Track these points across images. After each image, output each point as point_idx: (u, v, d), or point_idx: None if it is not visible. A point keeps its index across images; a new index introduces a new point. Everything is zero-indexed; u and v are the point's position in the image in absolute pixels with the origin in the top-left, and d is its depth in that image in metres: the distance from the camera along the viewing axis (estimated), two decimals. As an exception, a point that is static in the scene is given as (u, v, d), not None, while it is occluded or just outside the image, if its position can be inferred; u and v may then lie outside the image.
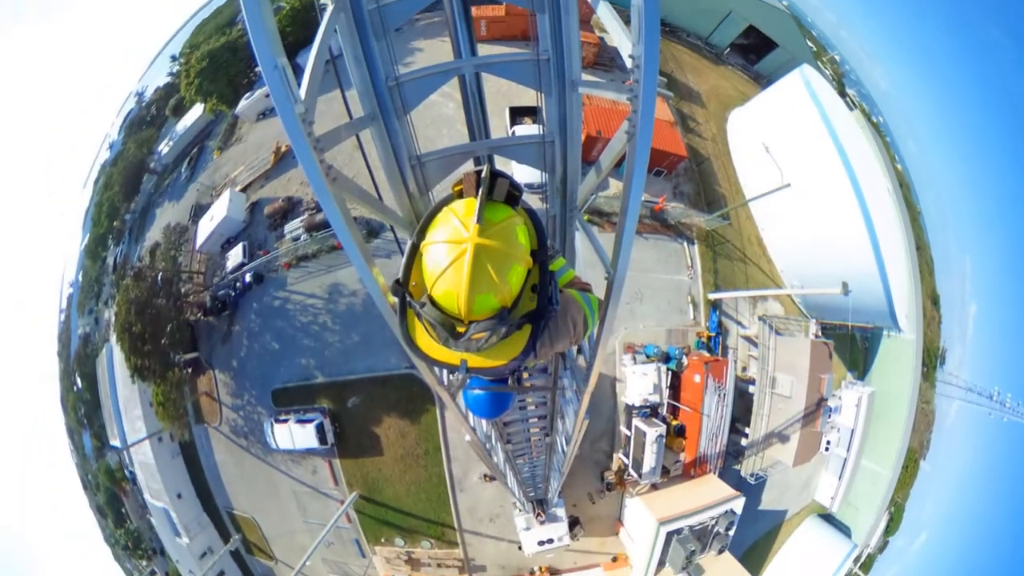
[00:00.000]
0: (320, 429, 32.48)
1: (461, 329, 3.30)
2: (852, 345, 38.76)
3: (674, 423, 32.62)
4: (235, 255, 35.67)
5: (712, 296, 34.92)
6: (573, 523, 33.09)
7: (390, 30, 6.15)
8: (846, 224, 34.70)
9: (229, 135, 39.64)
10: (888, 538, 44.44)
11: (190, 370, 35.84)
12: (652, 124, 4.21)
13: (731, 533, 32.35)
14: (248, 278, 35.01)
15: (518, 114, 34.41)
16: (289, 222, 35.28)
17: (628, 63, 4.53)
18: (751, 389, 35.10)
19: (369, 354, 33.03)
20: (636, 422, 31.70)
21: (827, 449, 36.39)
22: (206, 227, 36.36)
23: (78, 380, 42.00)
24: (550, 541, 31.57)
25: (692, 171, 38.20)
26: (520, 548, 32.34)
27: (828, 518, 39.60)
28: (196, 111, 40.76)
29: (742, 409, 34.77)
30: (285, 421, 33.12)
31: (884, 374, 39.09)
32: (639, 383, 32.10)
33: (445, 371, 6.44)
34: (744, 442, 35.10)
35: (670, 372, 32.81)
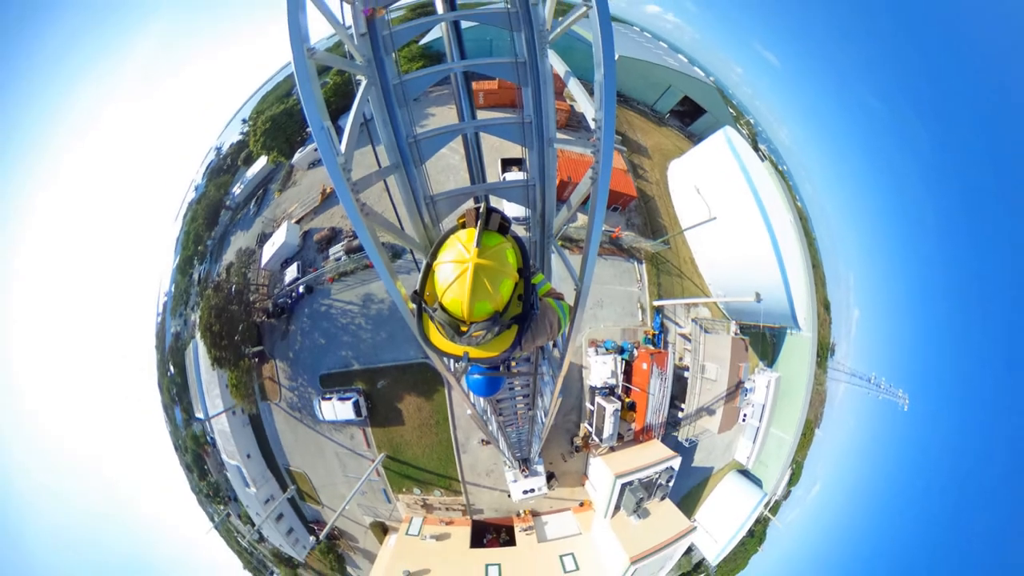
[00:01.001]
0: (356, 405, 32.39)
1: (464, 328, 3.39)
2: (763, 341, 38.75)
3: (627, 400, 32.58)
4: (291, 272, 35.49)
5: (656, 303, 34.90)
6: (550, 477, 33.00)
7: (409, 100, 6.20)
8: (758, 247, 34.80)
9: (286, 180, 39.49)
10: (790, 488, 44.35)
11: (257, 360, 35.62)
12: (610, 171, 4.28)
13: (670, 484, 32.34)
14: (301, 289, 34.85)
15: (508, 164, 34.40)
16: (333, 246, 35.18)
17: (592, 125, 4.58)
18: (686, 374, 35.05)
19: (394, 348, 32.91)
20: (598, 399, 31.67)
21: (744, 420, 36.39)
22: (269, 250, 36.20)
23: (171, 368, 41.75)
24: (532, 491, 31.49)
25: (641, 207, 38.19)
26: (509, 496, 32.24)
27: (745, 473, 39.52)
28: (261, 162, 40.62)
29: (679, 389, 34.71)
30: (329, 399, 32.98)
31: (787, 363, 39.09)
32: (600, 369, 32.08)
33: (451, 360, 6.47)
34: (680, 415, 35.06)
35: (624, 361, 32.78)
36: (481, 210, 3.62)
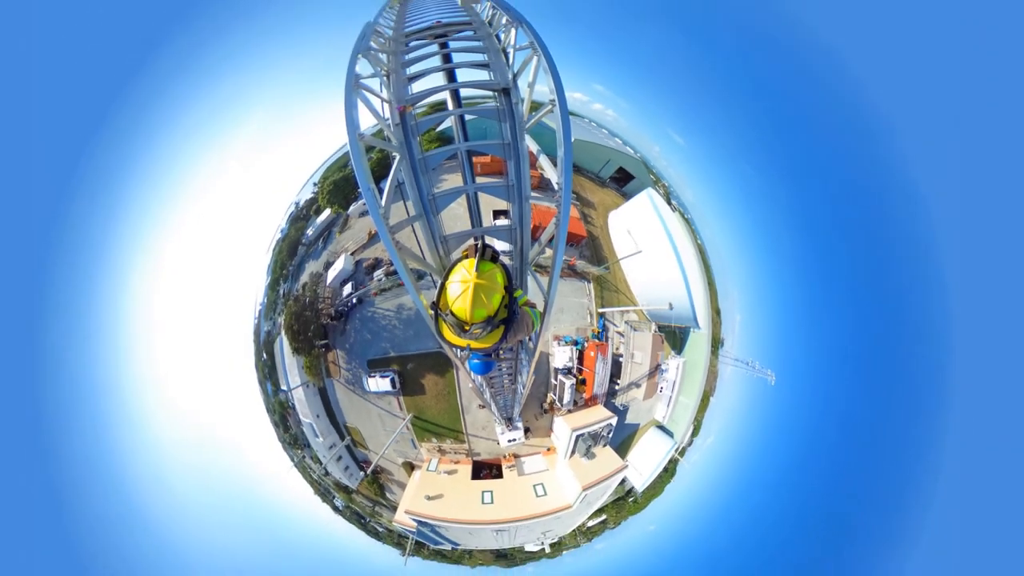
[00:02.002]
0: (393, 380, 32.28)
1: (467, 327, 3.43)
2: (674, 336, 38.59)
3: (580, 377, 32.49)
4: (347, 288, 35.15)
5: (600, 310, 34.93)
6: (526, 430, 32.73)
7: (429, 169, 6.23)
8: (670, 272, 35.19)
9: (344, 225, 39.02)
10: (693, 438, 43.79)
11: (323, 349, 35.10)
12: (568, 219, 4.33)
13: (610, 435, 32.49)
14: (354, 301, 34.58)
15: (497, 213, 34.07)
16: (376, 271, 34.91)
17: (556, 187, 4.59)
18: (621, 360, 35.01)
19: (419, 341, 32.61)
20: (560, 376, 31.72)
21: (661, 391, 36.20)
22: (332, 273, 35.74)
23: (264, 355, 41.09)
24: (514, 440, 31.36)
25: (590, 244, 38.20)
26: (498, 443, 32.07)
27: (662, 427, 39.17)
28: (326, 212, 40.23)
29: (616, 370, 34.52)
30: (374, 376, 32.71)
31: (691, 351, 38.91)
32: (561, 355, 32.14)
33: (458, 350, 6.49)
34: (617, 388, 34.93)
35: (577, 350, 32.83)
36: (479, 245, 3.67)
